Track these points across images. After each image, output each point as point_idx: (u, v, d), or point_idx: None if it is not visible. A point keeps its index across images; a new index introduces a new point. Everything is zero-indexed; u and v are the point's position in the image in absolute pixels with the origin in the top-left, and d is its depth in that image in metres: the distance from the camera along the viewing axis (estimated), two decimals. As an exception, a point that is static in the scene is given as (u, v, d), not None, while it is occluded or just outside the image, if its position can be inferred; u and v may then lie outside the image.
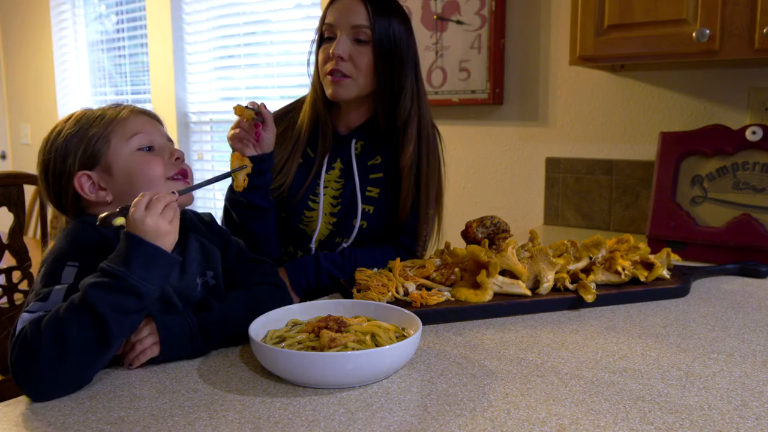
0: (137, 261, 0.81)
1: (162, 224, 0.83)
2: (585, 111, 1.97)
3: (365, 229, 1.39)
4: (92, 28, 3.61)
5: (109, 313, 0.79)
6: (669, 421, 0.73)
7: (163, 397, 0.79)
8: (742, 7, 1.40)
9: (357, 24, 1.30)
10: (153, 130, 1.01)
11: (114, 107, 1.01)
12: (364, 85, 1.33)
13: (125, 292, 0.80)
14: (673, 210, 1.57)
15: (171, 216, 0.85)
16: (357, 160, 1.40)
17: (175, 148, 1.02)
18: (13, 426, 0.73)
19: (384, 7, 1.32)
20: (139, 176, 0.97)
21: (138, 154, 0.98)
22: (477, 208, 2.21)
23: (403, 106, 1.35)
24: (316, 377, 0.81)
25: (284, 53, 2.84)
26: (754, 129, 1.50)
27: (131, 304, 0.81)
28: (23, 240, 1.73)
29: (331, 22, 1.33)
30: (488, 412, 0.75)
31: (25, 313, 0.83)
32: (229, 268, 1.08)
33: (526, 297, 1.14)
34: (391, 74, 1.33)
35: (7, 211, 1.70)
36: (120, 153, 0.97)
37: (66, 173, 0.96)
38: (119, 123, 0.98)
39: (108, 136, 0.97)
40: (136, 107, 1.03)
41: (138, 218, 0.83)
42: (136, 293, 0.81)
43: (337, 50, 1.30)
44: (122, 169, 0.97)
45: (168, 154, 1.00)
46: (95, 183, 0.97)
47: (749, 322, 1.08)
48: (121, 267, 0.80)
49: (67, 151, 0.96)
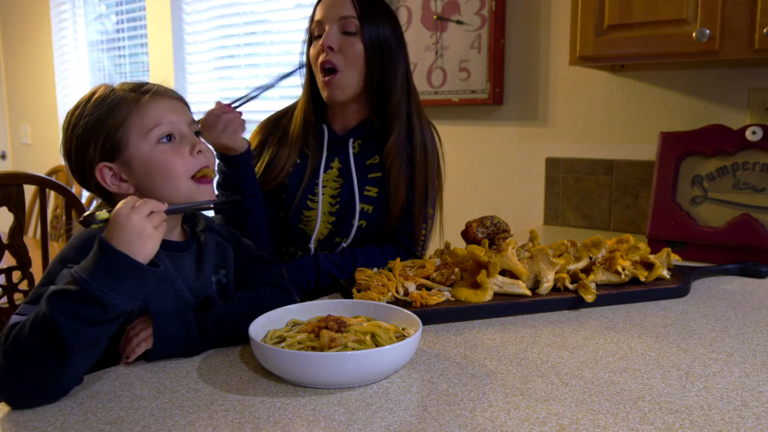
0: (103, 268, 0.74)
1: (146, 226, 0.78)
2: (585, 111, 1.97)
3: (364, 228, 1.39)
4: (92, 28, 3.61)
5: (65, 323, 0.72)
6: (669, 421, 0.73)
7: (163, 397, 0.79)
8: (742, 7, 1.40)
9: (344, 15, 1.31)
10: (174, 117, 0.95)
11: (135, 89, 0.95)
12: (354, 78, 1.33)
13: (87, 301, 0.73)
14: (673, 210, 1.57)
15: (157, 222, 0.80)
16: (355, 159, 1.40)
17: (198, 140, 0.97)
18: (13, 426, 0.73)
19: (370, 1, 1.34)
20: (159, 173, 0.93)
21: (159, 149, 0.93)
22: (477, 208, 2.21)
23: (393, 96, 1.35)
24: (316, 377, 0.81)
25: (284, 53, 2.84)
26: (754, 129, 1.50)
27: (94, 314, 0.74)
28: (23, 240, 1.73)
29: (320, 18, 1.34)
30: (488, 412, 0.75)
31: (14, 316, 0.81)
32: (238, 267, 1.08)
33: (526, 297, 1.14)
34: (381, 63, 1.34)
35: (7, 211, 1.70)
36: (139, 147, 0.93)
37: (87, 163, 0.93)
38: (138, 112, 0.93)
39: (127, 128, 0.92)
40: (160, 88, 0.97)
41: (123, 213, 0.78)
42: (100, 304, 0.74)
43: (327, 41, 1.31)
44: (142, 164, 0.93)
45: (190, 146, 0.96)
46: (116, 174, 0.94)
47: (749, 322, 1.08)
48: (84, 273, 0.74)
49: (87, 140, 0.92)
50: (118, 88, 0.96)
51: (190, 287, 0.98)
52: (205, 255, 1.01)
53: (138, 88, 0.96)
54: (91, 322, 0.75)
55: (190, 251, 1.00)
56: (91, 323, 0.75)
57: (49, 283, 0.84)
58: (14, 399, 0.76)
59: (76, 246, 0.89)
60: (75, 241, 0.90)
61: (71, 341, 0.73)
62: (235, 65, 3.00)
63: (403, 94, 1.37)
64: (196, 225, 1.05)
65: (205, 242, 1.02)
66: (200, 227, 1.05)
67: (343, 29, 1.31)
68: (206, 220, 1.07)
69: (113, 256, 0.75)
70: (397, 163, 1.37)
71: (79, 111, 0.94)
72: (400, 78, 1.36)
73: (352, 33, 1.31)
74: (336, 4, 1.32)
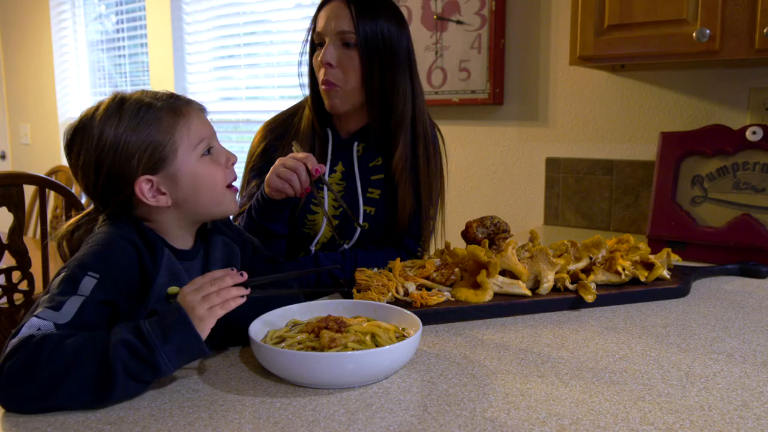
0: (175, 341, 0.77)
1: (199, 309, 0.80)
2: (585, 111, 1.97)
3: (367, 230, 1.39)
4: (92, 28, 3.61)
5: (120, 373, 0.75)
6: (669, 421, 0.73)
7: (163, 397, 0.79)
8: (742, 7, 1.40)
9: (341, 30, 1.28)
10: (211, 131, 0.97)
11: (171, 102, 0.93)
12: (353, 91, 1.32)
13: (147, 362, 0.76)
14: (673, 210, 1.57)
15: (215, 303, 0.81)
16: (358, 161, 1.40)
17: (230, 153, 0.99)
18: (13, 426, 0.73)
19: (369, 8, 1.30)
20: (206, 186, 0.94)
21: (203, 162, 0.94)
22: (477, 208, 2.21)
23: (396, 107, 1.34)
24: (316, 377, 0.81)
25: (284, 53, 2.84)
26: (755, 129, 1.50)
27: (145, 375, 0.77)
28: (23, 240, 1.73)
29: (319, 30, 1.32)
30: (488, 412, 0.75)
31: (35, 319, 0.80)
32: (245, 267, 1.08)
33: (526, 297, 1.14)
34: (382, 75, 1.31)
35: (7, 211, 1.69)
36: (186, 161, 0.92)
37: (127, 176, 0.90)
38: (185, 125, 0.92)
39: (176, 142, 0.91)
40: (194, 103, 0.97)
41: (185, 291, 0.81)
42: (155, 369, 0.77)
43: (325, 58, 1.29)
44: (189, 177, 0.93)
45: (224, 159, 0.97)
46: (154, 187, 0.92)
47: (749, 322, 1.08)
48: (158, 339, 0.77)
49: (129, 152, 0.89)
50: (147, 99, 0.93)
51: None
52: (213, 257, 1.02)
53: (171, 99, 0.94)
54: (138, 380, 0.77)
55: (198, 256, 1.01)
56: (139, 380, 0.78)
57: (72, 289, 0.83)
58: (16, 405, 0.76)
59: (98, 254, 0.87)
60: (96, 248, 0.88)
61: (116, 391, 0.76)
62: (235, 65, 3.00)
63: (407, 102, 1.35)
64: (204, 226, 1.05)
65: (212, 244, 1.03)
66: (207, 227, 1.05)
67: (343, 42, 1.29)
68: (213, 221, 1.07)
69: (188, 333, 0.78)
70: (405, 173, 1.36)
71: (111, 120, 0.90)
72: (404, 86, 1.33)
73: (350, 46, 1.30)
74: (334, 17, 1.29)
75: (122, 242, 0.89)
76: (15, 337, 0.78)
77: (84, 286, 0.83)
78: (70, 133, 0.92)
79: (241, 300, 0.83)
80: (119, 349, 0.75)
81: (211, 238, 1.03)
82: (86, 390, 0.75)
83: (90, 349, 0.76)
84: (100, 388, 0.75)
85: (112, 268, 0.86)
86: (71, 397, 0.75)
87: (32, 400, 0.75)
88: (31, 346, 0.76)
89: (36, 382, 0.74)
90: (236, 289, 0.83)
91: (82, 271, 0.85)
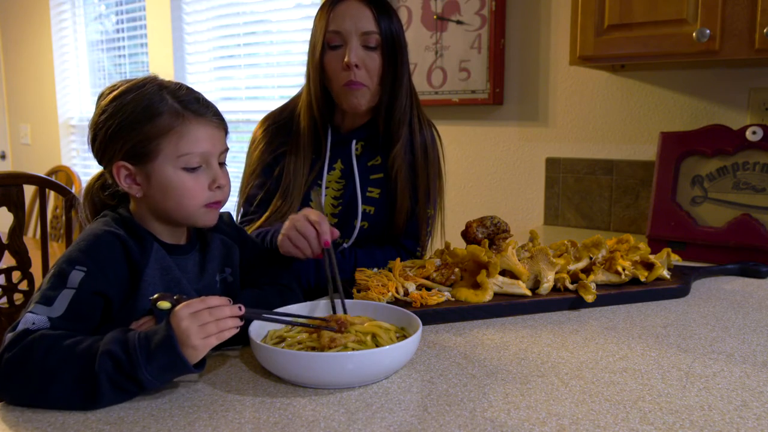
0: (161, 361, 0.77)
1: (194, 338, 0.77)
2: (585, 111, 1.97)
3: (366, 229, 1.39)
4: (92, 28, 3.61)
5: (105, 383, 0.76)
6: (669, 422, 0.73)
7: (163, 397, 0.79)
8: (742, 7, 1.40)
9: (367, 30, 1.28)
10: (208, 147, 0.93)
11: (183, 106, 0.92)
12: (375, 90, 1.33)
13: (131, 377, 0.76)
14: (673, 210, 1.57)
15: (212, 333, 0.79)
16: (357, 160, 1.40)
17: (221, 173, 0.95)
18: (13, 426, 0.73)
19: (384, 6, 1.31)
20: (174, 197, 0.92)
21: (180, 175, 0.92)
22: (477, 208, 2.21)
23: (399, 103, 1.34)
24: (316, 377, 0.81)
25: (284, 53, 2.84)
26: (754, 129, 1.50)
27: (131, 388, 0.78)
28: (23, 240, 1.73)
29: (338, 30, 1.29)
30: (488, 412, 0.75)
31: (29, 314, 0.82)
32: (245, 265, 1.08)
33: (526, 297, 1.14)
34: (394, 73, 1.33)
35: (7, 211, 1.70)
36: (164, 167, 0.91)
37: (107, 155, 0.93)
38: (177, 131, 0.91)
39: (160, 145, 0.90)
40: (203, 105, 0.95)
41: (180, 315, 0.78)
42: (140, 385, 0.77)
43: (353, 59, 1.27)
44: (161, 182, 0.92)
45: (210, 180, 0.94)
46: (132, 176, 0.93)
47: (749, 322, 1.08)
48: (143, 357, 0.76)
49: (116, 134, 0.90)
50: (165, 87, 0.93)
51: (194, 287, 0.98)
52: (210, 254, 1.02)
53: (186, 97, 0.94)
54: (124, 390, 0.78)
55: (193, 252, 1.01)
56: (124, 391, 0.78)
57: (61, 284, 0.85)
58: (12, 396, 0.78)
59: (84, 249, 0.89)
60: (82, 244, 0.90)
61: (103, 399, 0.76)
62: (235, 65, 3.00)
63: (407, 100, 1.36)
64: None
65: (209, 242, 1.03)
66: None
67: (364, 44, 1.29)
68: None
69: (173, 355, 0.77)
70: (403, 170, 1.37)
71: (119, 99, 0.91)
72: (405, 84, 1.35)
73: (372, 48, 1.29)
74: (356, 17, 1.28)
75: (107, 236, 0.91)
76: (12, 331, 0.81)
77: (72, 279, 0.85)
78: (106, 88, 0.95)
79: (236, 330, 0.82)
80: (104, 362, 0.76)
81: (208, 236, 1.03)
82: (73, 394, 0.76)
83: (79, 356, 0.77)
84: (87, 395, 0.76)
85: (99, 261, 0.88)
86: (60, 399, 0.76)
87: (26, 395, 0.77)
88: (28, 342, 0.78)
89: (29, 379, 0.76)
90: (232, 319, 0.81)
91: (69, 265, 0.87)
